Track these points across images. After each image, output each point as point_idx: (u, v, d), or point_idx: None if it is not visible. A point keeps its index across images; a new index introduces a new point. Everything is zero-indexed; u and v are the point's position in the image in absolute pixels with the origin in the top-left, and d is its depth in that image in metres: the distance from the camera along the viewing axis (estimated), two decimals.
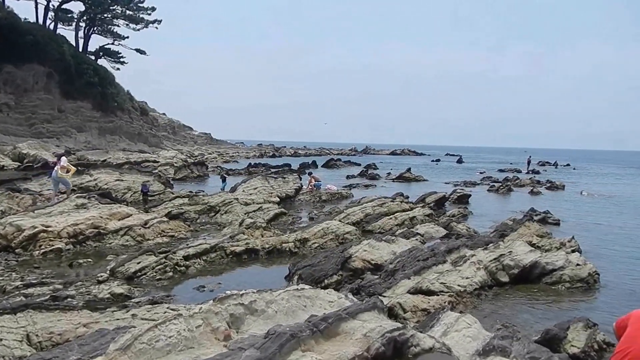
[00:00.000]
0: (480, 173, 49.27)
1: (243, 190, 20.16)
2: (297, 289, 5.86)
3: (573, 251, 11.79)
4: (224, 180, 24.07)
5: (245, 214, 16.27)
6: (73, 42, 52.50)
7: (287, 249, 12.11)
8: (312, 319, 4.71)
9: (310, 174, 27.74)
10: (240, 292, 5.37)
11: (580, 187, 35.62)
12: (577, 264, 10.43)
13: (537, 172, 52.07)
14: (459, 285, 8.90)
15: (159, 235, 12.88)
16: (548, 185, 35.43)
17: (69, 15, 52.89)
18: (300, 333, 4.31)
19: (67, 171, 15.18)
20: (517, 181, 36.70)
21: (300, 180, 25.15)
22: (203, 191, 22.42)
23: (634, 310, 4.01)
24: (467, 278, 9.26)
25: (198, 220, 15.88)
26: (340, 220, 14.76)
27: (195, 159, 42.95)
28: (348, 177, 38.20)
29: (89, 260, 10.64)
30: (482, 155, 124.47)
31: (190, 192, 20.59)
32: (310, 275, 9.44)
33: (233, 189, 20.40)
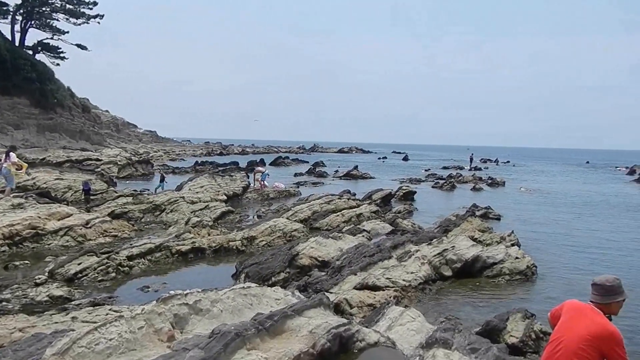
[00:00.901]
0: (425, 170, 50.37)
1: (189, 189, 19.82)
2: (243, 287, 5.81)
3: (512, 245, 12.23)
4: (162, 179, 23.13)
5: (191, 212, 16.02)
6: (9, 36, 49.95)
7: (234, 248, 12.00)
8: (258, 317, 4.69)
9: (252, 169, 27.51)
10: (185, 292, 5.28)
11: (520, 184, 36.98)
12: (516, 257, 10.84)
13: (479, 169, 53.71)
14: (404, 280, 9.06)
15: (101, 235, 12.49)
16: (489, 181, 36.60)
17: (4, 8, 50.23)
18: (246, 332, 4.28)
19: (19, 168, 14.41)
20: (460, 178, 37.72)
21: (248, 178, 24.98)
22: (148, 190, 21.89)
23: (567, 300, 4.20)
24: (412, 273, 9.45)
25: (143, 220, 15.50)
26: (287, 218, 14.76)
27: (140, 157, 41.84)
28: (296, 175, 38.20)
29: (26, 262, 10.19)
30: (427, 152, 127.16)
31: (135, 191, 20.06)
32: (258, 273, 9.39)
33: (179, 188, 20.01)
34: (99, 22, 55.18)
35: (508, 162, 78.27)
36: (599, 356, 3.78)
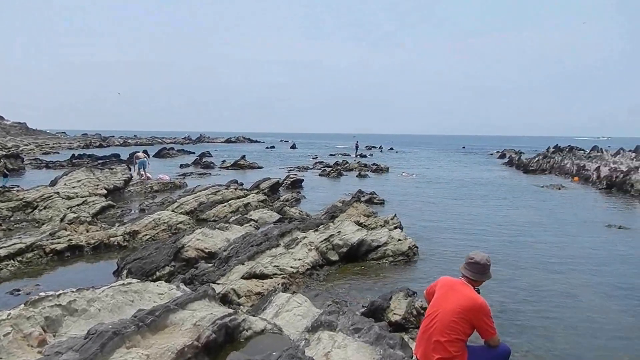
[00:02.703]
0: (313, 158, 51.24)
1: (65, 184, 18.47)
2: (124, 283, 5.54)
3: (395, 228, 12.79)
4: (5, 176, 21.12)
5: (67, 208, 14.96)
6: None
7: (116, 243, 11.41)
8: (138, 313, 4.49)
9: (133, 154, 26.25)
10: (57, 293, 4.93)
11: (402, 169, 38.84)
12: (399, 239, 11.34)
13: (365, 156, 55.67)
14: (291, 267, 9.16)
15: None
16: (374, 168, 37.99)
17: None
18: (125, 329, 4.08)
19: None
20: (346, 165, 38.77)
21: (130, 171, 23.82)
22: (18, 186, 20.09)
23: (441, 277, 4.49)
24: (299, 259, 9.57)
25: (12, 218, 14.22)
26: (173, 211, 14.30)
27: (9, 151, 38.30)
28: (181, 166, 37.10)
29: None
30: (314, 141, 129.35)
31: (3, 187, 18.32)
32: (141, 268, 9.00)
33: (53, 183, 18.58)
34: None
35: (391, 149, 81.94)
36: (470, 327, 4.09)
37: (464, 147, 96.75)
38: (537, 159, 42.31)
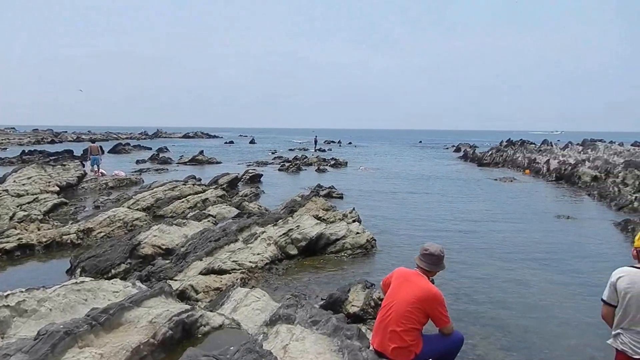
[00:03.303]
0: (272, 153, 51.09)
1: (14, 181, 17.79)
2: (77, 282, 5.41)
3: (354, 221, 12.88)
4: None
5: (17, 206, 14.43)
6: None
7: (69, 241, 11.09)
8: (91, 312, 4.39)
9: (87, 149, 25.41)
10: (5, 293, 4.77)
11: (360, 164, 39.17)
12: (357, 233, 11.45)
13: (324, 151, 55.89)
14: (250, 262, 9.13)
15: None
16: (333, 162, 38.19)
17: None
18: (77, 329, 3.98)
19: None
20: (305, 160, 38.85)
21: (84, 167, 23.18)
22: None
23: (396, 269, 4.57)
24: (258, 254, 9.55)
25: None
26: (129, 207, 14.01)
27: None
28: (138, 162, 36.35)
29: None
30: (273, 136, 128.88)
31: None
32: (95, 266, 8.79)
33: (1, 180, 17.89)
34: None
35: (350, 143, 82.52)
36: (425, 316, 4.19)
37: (421, 142, 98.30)
38: (490, 152, 43.39)
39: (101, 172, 23.41)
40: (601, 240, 12.70)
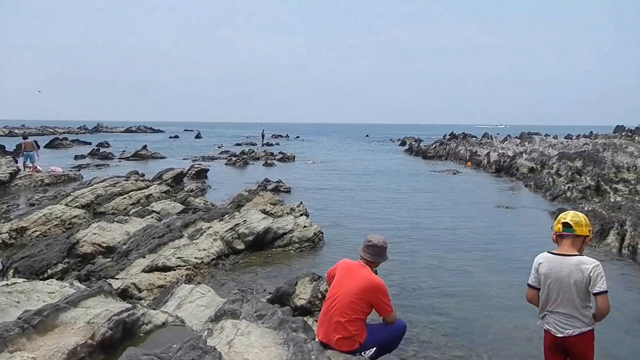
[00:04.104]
0: (219, 147, 50.43)
1: None
2: (7, 284, 5.14)
3: (301, 215, 12.90)
4: None
5: None
6: None
7: (0, 241, 10.55)
8: (24, 315, 4.18)
9: (20, 144, 24.11)
10: None
11: (308, 158, 39.24)
12: (305, 226, 11.46)
13: (271, 145, 55.63)
14: (196, 258, 8.97)
15: None
16: (280, 156, 38.07)
17: None
18: (7, 333, 3.78)
19: None
20: (252, 154, 38.55)
21: (17, 163, 22.11)
22: None
23: (341, 260, 4.60)
24: (204, 250, 9.39)
25: None
26: (67, 204, 13.45)
27: None
28: (76, 157, 35.01)
29: None
30: (220, 130, 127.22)
31: None
32: (30, 267, 8.38)
33: None
34: None
35: (298, 137, 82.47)
36: (368, 306, 4.24)
37: (367, 135, 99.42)
38: (434, 146, 44.39)
39: (36, 168, 22.40)
40: (537, 228, 13.25)
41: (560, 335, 3.70)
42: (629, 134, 35.02)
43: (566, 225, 3.70)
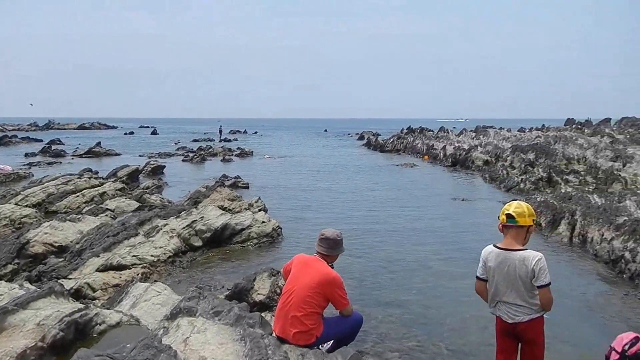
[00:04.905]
0: (175, 144, 49.60)
1: None
2: None
3: (260, 210, 12.86)
4: None
5: None
6: None
7: None
8: None
9: None
10: None
11: (266, 153, 39.08)
12: (263, 222, 11.43)
13: (229, 141, 55.11)
14: (152, 256, 8.83)
15: None
16: (238, 152, 37.79)
17: None
18: None
19: None
20: (210, 150, 38.10)
21: None
22: None
23: (296, 255, 4.62)
24: (160, 247, 9.25)
25: None
26: (16, 204, 12.99)
27: None
28: (27, 155, 33.83)
29: None
30: (177, 126, 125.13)
31: None
32: None
33: None
34: None
35: (256, 132, 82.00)
36: (324, 299, 4.27)
37: (325, 130, 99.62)
38: (392, 140, 44.88)
39: None
40: (491, 219, 13.55)
41: (511, 321, 3.83)
42: (579, 126, 36.38)
43: (509, 216, 3.82)
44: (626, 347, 3.51)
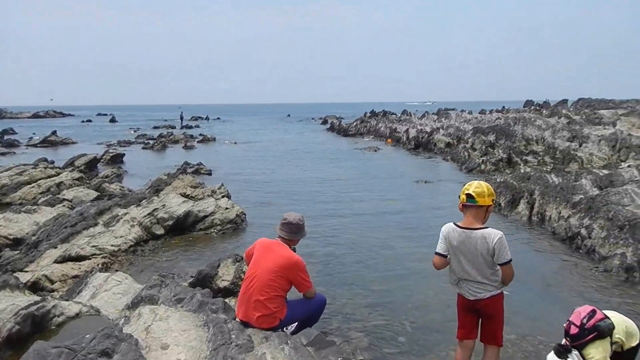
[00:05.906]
0: (135, 131, 48.58)
1: None
2: None
3: (223, 197, 12.73)
4: None
5: None
6: None
7: None
8: None
9: None
10: None
11: (227, 138, 38.68)
12: (226, 208, 11.32)
13: (191, 127, 54.29)
14: (112, 246, 8.65)
15: None
16: (200, 138, 37.30)
17: None
18: None
19: None
20: (171, 137, 37.47)
21: None
22: None
23: (258, 239, 4.59)
24: (121, 237, 9.07)
25: None
26: None
27: None
28: None
29: None
30: (136, 113, 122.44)
31: None
32: None
33: None
34: None
35: (218, 118, 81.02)
36: (287, 283, 4.27)
37: (289, 115, 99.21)
38: (355, 123, 45.04)
39: None
40: (453, 200, 13.80)
41: (472, 298, 3.91)
42: (538, 108, 37.21)
43: (469, 196, 3.88)
44: (584, 320, 3.63)
